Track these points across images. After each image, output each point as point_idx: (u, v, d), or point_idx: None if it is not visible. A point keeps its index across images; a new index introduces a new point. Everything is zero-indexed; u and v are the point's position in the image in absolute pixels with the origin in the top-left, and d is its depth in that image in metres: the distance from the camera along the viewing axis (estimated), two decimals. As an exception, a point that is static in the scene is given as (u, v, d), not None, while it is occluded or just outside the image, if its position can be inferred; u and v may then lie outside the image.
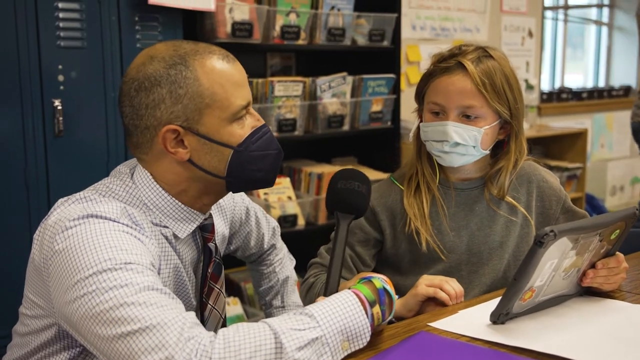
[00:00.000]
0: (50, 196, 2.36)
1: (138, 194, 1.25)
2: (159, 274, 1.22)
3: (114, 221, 1.14)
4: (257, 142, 1.26)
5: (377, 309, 1.13)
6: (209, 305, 1.37)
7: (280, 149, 1.31)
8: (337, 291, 1.24)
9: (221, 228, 1.49)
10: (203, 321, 1.37)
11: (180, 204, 1.27)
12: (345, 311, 1.08)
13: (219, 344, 1.01)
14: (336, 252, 1.29)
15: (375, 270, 1.67)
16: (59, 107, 2.35)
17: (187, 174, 1.25)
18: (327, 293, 1.24)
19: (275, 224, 1.73)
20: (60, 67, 2.36)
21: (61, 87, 2.37)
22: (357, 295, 1.11)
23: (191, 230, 1.30)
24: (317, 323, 1.05)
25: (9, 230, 2.32)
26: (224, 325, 1.42)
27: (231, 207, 1.55)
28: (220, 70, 1.22)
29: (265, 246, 1.69)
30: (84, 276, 1.07)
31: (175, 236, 1.28)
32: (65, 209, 1.18)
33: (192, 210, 1.29)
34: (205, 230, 1.35)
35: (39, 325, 1.22)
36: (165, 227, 1.26)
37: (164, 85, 1.20)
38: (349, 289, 1.14)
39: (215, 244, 1.38)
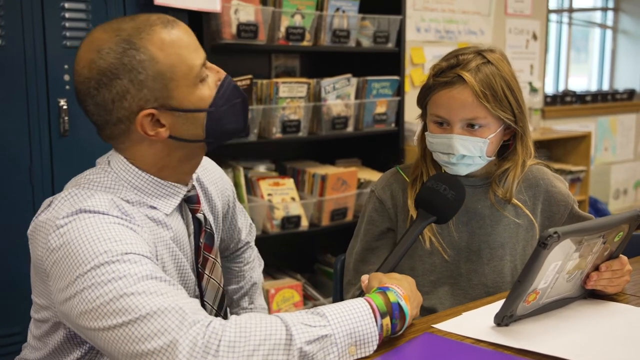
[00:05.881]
0: (55, 195, 2.37)
1: (117, 178, 1.25)
2: (157, 259, 1.22)
3: (105, 214, 1.14)
4: (223, 96, 1.26)
5: (387, 320, 1.13)
6: (205, 274, 1.37)
7: (245, 95, 1.32)
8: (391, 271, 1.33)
9: (217, 201, 1.49)
10: (201, 291, 1.38)
11: (159, 180, 1.27)
12: (355, 316, 1.09)
13: (230, 327, 1.01)
14: (402, 242, 1.37)
15: None
16: (64, 107, 2.36)
17: (167, 149, 1.25)
18: (381, 268, 1.34)
19: (251, 221, 1.73)
20: (66, 66, 2.37)
21: (67, 87, 2.37)
22: (369, 303, 1.12)
23: (176, 205, 1.30)
24: (327, 322, 1.06)
25: (14, 229, 2.32)
26: (223, 295, 1.42)
27: (220, 179, 1.54)
28: (170, 40, 1.20)
29: (242, 242, 1.69)
30: (82, 272, 1.06)
31: (165, 216, 1.28)
32: (53, 208, 1.16)
33: (173, 184, 1.29)
34: (191, 202, 1.35)
35: (48, 328, 1.22)
36: (153, 208, 1.26)
37: (123, 76, 1.17)
38: (363, 297, 1.15)
39: (204, 214, 1.38)
